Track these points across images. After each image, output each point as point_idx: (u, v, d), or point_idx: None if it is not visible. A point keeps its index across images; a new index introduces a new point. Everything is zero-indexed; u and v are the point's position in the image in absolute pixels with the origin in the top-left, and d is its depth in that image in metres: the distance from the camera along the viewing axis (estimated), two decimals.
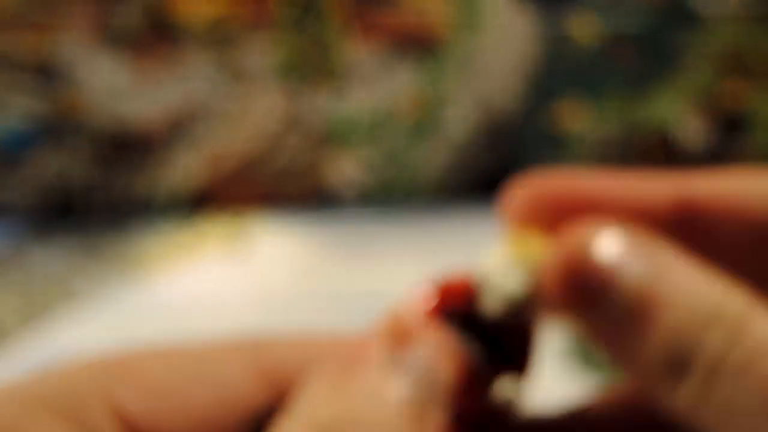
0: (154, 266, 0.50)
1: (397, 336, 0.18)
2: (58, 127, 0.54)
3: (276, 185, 0.56)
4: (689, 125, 0.57)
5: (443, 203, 0.57)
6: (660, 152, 0.58)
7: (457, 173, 0.57)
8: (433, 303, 0.19)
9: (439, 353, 0.18)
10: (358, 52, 0.54)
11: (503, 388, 0.19)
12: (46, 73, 0.53)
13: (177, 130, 0.55)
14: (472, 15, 0.54)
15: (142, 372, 0.18)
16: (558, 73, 0.56)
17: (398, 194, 0.57)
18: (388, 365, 0.18)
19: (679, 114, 0.57)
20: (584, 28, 0.55)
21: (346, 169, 0.57)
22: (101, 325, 0.44)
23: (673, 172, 0.19)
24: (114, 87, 0.53)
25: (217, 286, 0.48)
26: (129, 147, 0.55)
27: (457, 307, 0.19)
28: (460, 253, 0.55)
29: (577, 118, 0.57)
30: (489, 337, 0.19)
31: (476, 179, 0.58)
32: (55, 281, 0.49)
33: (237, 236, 0.53)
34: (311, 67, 0.54)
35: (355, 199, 0.57)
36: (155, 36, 0.53)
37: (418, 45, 0.55)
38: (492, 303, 0.19)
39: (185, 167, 0.55)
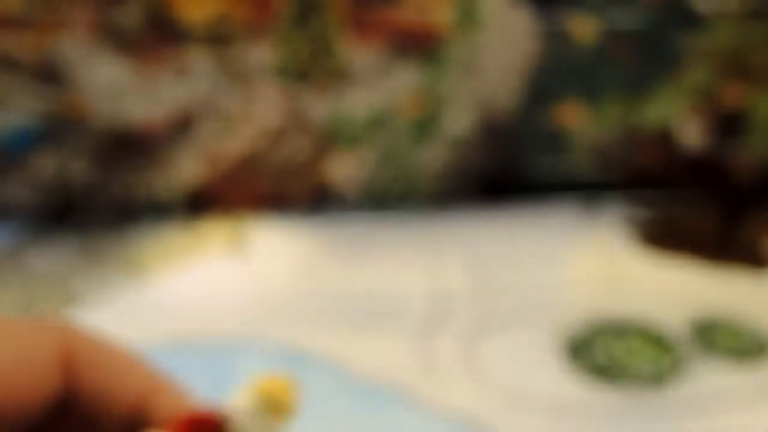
0: (154, 267, 0.50)
1: None
2: (58, 127, 0.54)
3: (276, 185, 0.56)
4: (689, 125, 0.57)
5: (443, 203, 0.57)
6: (660, 152, 0.58)
7: (457, 173, 0.57)
8: None
9: None
10: (358, 52, 0.54)
11: None
12: (46, 73, 0.53)
13: (177, 130, 0.55)
14: (472, 15, 0.54)
15: None
16: (558, 73, 0.56)
17: (398, 194, 0.57)
18: None
19: (679, 114, 0.57)
20: (584, 27, 0.55)
21: (346, 169, 0.57)
22: (101, 325, 0.44)
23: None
24: (114, 87, 0.53)
25: (217, 286, 0.48)
26: (129, 147, 0.55)
27: None
28: (459, 253, 0.55)
29: (576, 118, 0.57)
30: None
31: (476, 179, 0.58)
32: (55, 282, 0.49)
33: (237, 236, 0.53)
34: (311, 67, 0.54)
35: (355, 199, 0.57)
36: (156, 36, 0.53)
37: (418, 45, 0.55)
38: None
39: (185, 167, 0.56)
